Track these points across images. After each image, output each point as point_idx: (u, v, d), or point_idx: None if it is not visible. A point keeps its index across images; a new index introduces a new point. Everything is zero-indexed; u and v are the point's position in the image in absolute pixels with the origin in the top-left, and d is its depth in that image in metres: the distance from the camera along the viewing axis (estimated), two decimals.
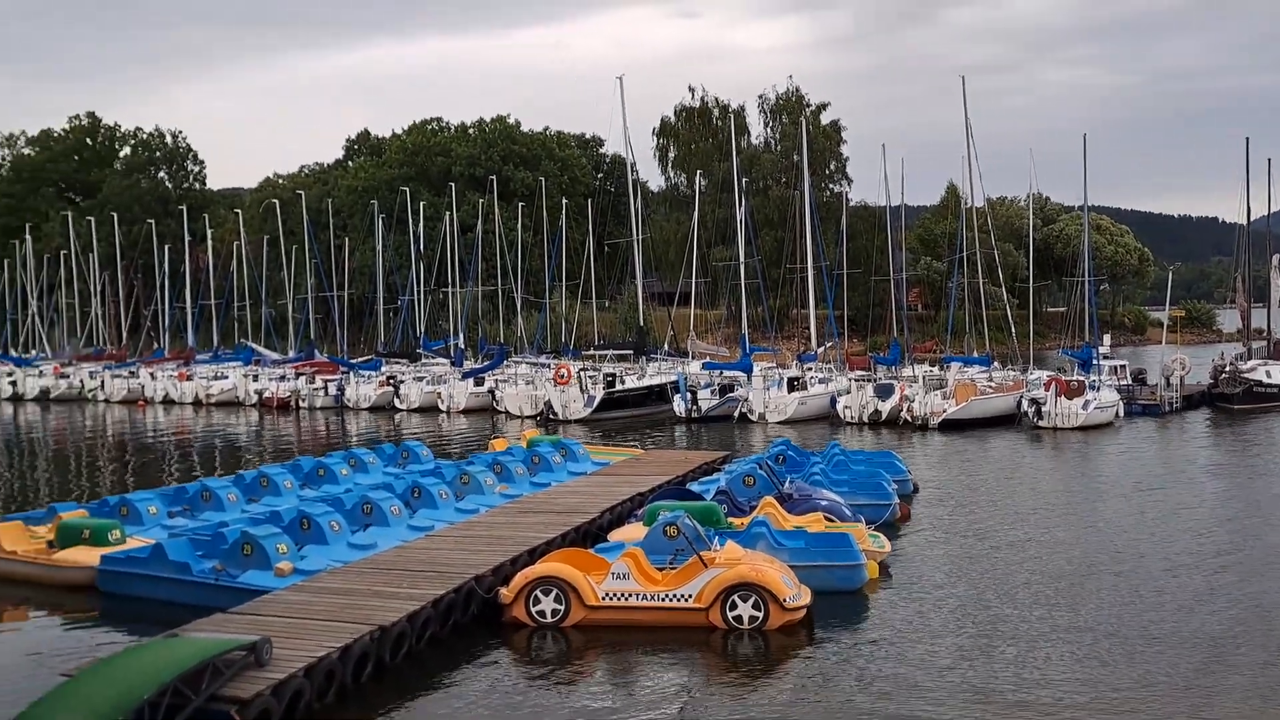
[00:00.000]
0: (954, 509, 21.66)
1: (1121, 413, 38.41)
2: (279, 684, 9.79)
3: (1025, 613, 13.71)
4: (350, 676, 10.90)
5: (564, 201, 67.45)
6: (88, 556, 15.77)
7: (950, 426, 36.70)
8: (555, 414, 43.27)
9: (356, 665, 11.02)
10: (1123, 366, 44.82)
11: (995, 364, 46.29)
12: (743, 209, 50.70)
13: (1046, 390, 37.55)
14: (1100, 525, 19.79)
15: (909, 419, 38.04)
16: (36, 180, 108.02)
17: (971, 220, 49.66)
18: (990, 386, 40.84)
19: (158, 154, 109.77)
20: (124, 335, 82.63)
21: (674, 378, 46.23)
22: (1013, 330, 50.02)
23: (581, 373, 46.21)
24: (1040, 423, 36.56)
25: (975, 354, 48.30)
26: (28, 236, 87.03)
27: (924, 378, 42.18)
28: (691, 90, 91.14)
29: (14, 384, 66.75)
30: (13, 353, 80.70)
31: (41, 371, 68.34)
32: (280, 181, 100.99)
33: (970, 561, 16.77)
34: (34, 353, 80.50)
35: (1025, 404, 38.37)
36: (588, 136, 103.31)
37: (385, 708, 10.69)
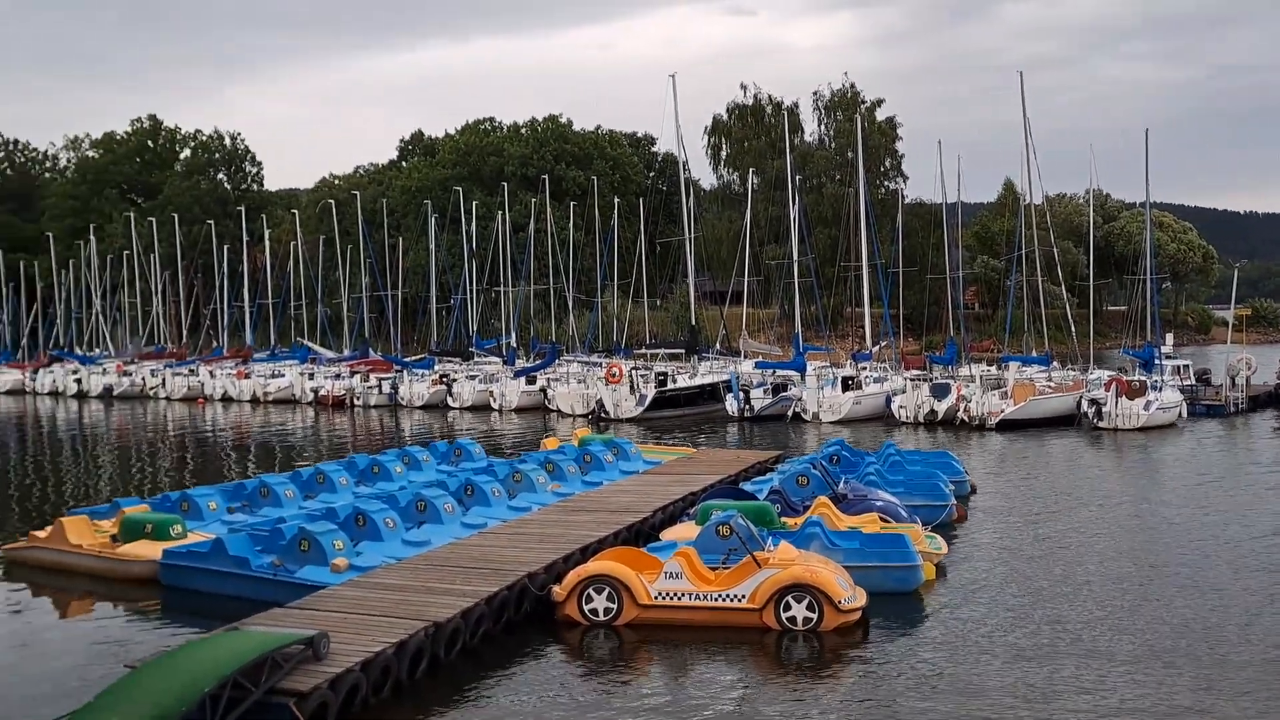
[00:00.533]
0: (1012, 510, 21.37)
1: (1184, 413, 37.72)
2: (336, 678, 9.88)
3: (1085, 615, 13.49)
4: (405, 672, 10.98)
5: (616, 200, 67.58)
6: (150, 551, 16.04)
7: (1008, 427, 36.26)
8: (607, 413, 43.35)
9: (412, 661, 11.11)
10: (1186, 366, 44.01)
11: (1054, 363, 45.70)
12: (796, 206, 50.42)
13: (1107, 390, 36.99)
14: (1162, 527, 19.42)
15: (966, 419, 37.64)
16: (100, 182, 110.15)
17: (1030, 217, 49.02)
18: (1049, 386, 40.32)
19: (217, 156, 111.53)
20: (184, 334, 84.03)
21: (726, 377, 46.10)
22: (1072, 329, 49.32)
23: (633, 372, 46.25)
24: (1100, 423, 35.99)
25: (1034, 353, 47.68)
26: (92, 237, 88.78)
27: (981, 377, 41.73)
28: (744, 88, 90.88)
29: (79, 381, 68.23)
30: (78, 351, 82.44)
31: (105, 369, 69.74)
32: (336, 182, 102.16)
33: (1028, 563, 16.52)
34: (98, 351, 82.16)
35: (1085, 404, 37.77)
36: (639, 135, 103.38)
37: (440, 703, 10.75)
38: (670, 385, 46.47)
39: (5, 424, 49.72)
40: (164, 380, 64.22)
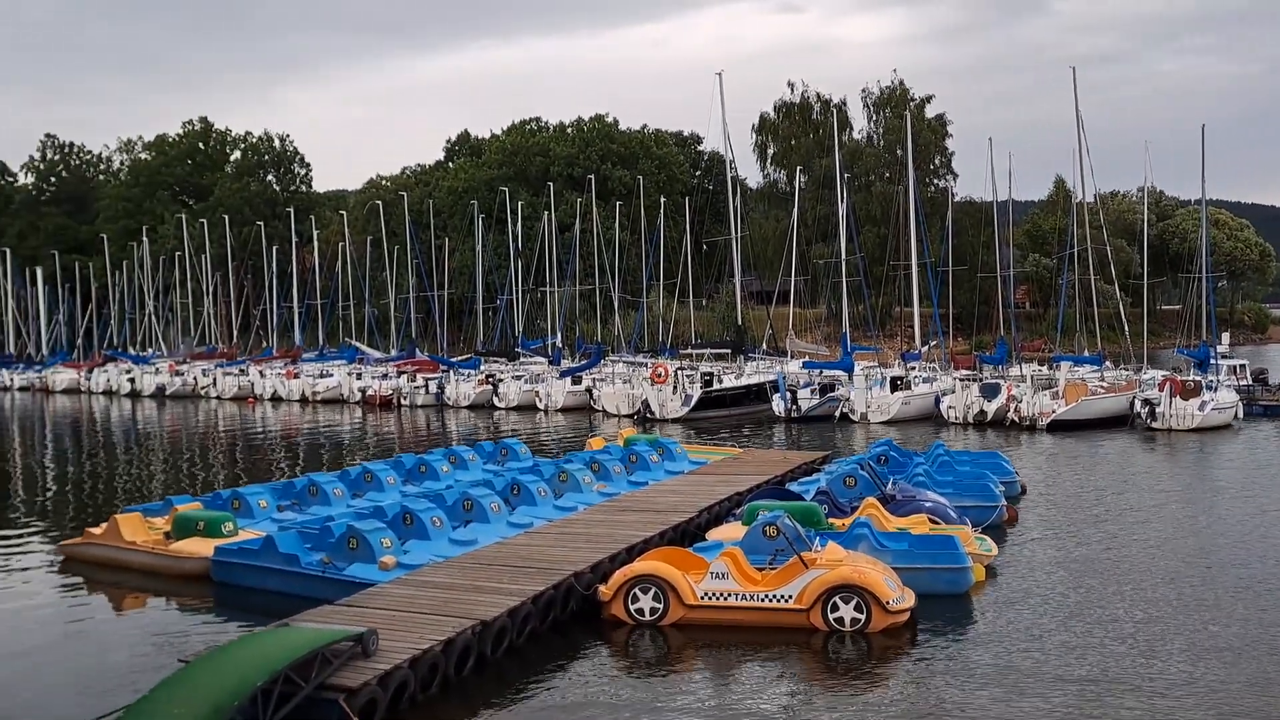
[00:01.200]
0: (1063, 512, 21.09)
1: (1241, 414, 37.04)
2: (385, 674, 9.95)
3: (1138, 619, 13.26)
4: (453, 669, 11.03)
5: (661, 200, 67.55)
6: (202, 548, 16.25)
7: (1059, 427, 35.81)
8: (652, 413, 43.33)
9: (459, 658, 11.15)
10: (1242, 366, 43.22)
11: (1107, 363, 45.09)
12: (844, 205, 50.12)
13: (1161, 390, 36.43)
14: (1217, 530, 19.07)
15: (1016, 419, 37.23)
16: (153, 184, 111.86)
17: (1082, 215, 48.38)
18: (1101, 386, 39.78)
19: (266, 158, 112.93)
20: (235, 334, 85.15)
21: (773, 377, 45.91)
22: (1125, 328, 48.61)
23: (679, 372, 46.19)
24: (1154, 424, 35.44)
25: (1086, 353, 47.06)
26: (145, 238, 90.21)
27: (1032, 377, 41.26)
28: (791, 85, 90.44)
29: (132, 381, 69.38)
30: (132, 351, 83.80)
31: (158, 369, 70.85)
32: (383, 183, 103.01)
33: (1080, 565, 16.28)
34: (151, 351, 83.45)
35: (1138, 405, 37.21)
36: (686, 134, 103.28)
37: (487, 701, 10.79)
38: (716, 385, 46.37)
39: (61, 422, 50.64)
40: (215, 380, 65.12)
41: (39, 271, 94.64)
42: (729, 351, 53.14)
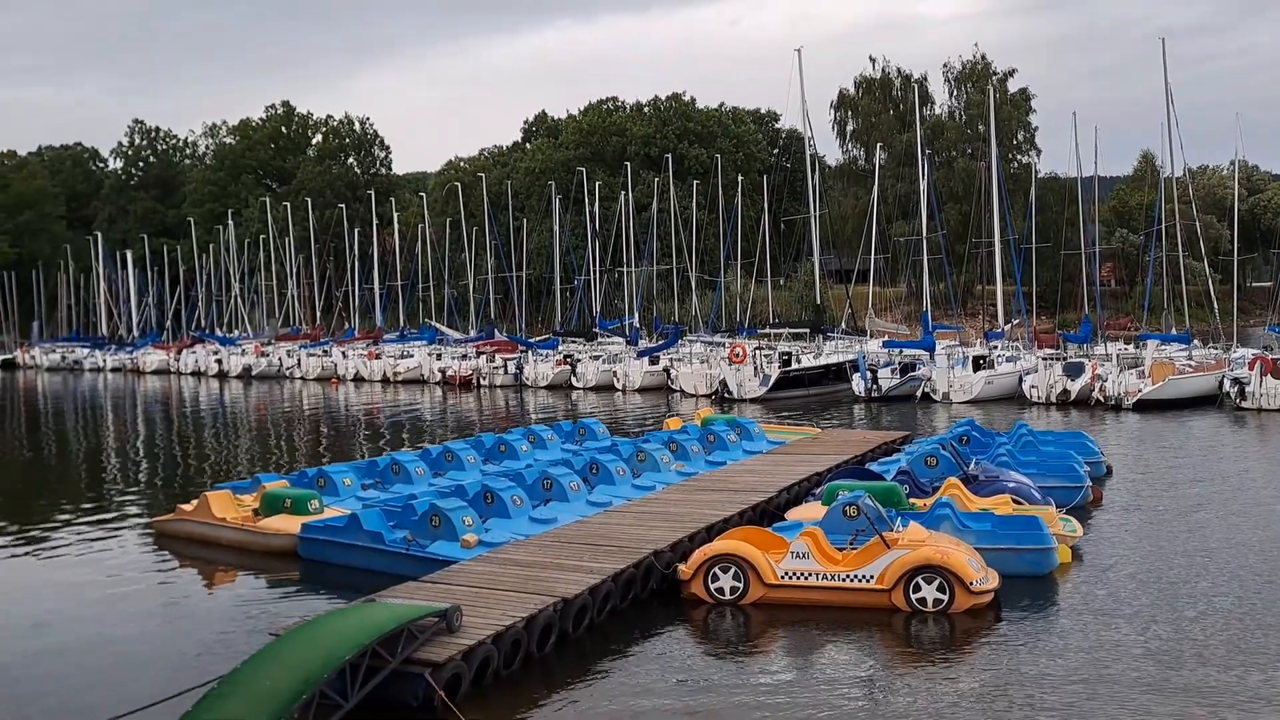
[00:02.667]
0: (1150, 493, 20.62)
1: None
2: (469, 650, 10.08)
3: (1230, 604, 12.90)
4: (535, 645, 11.14)
5: (739, 178, 67.18)
6: (289, 524, 16.60)
7: (1146, 407, 35.02)
8: (730, 393, 43.23)
9: (541, 635, 11.26)
10: None
11: (1195, 342, 43.94)
12: (926, 181, 49.38)
13: (1251, 369, 35.41)
14: None
15: (1101, 399, 36.49)
16: (237, 168, 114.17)
17: (1170, 191, 47.12)
18: (1189, 365, 38.83)
19: (347, 141, 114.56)
20: (318, 315, 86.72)
21: (852, 356, 45.50)
22: (1214, 306, 47.28)
23: (757, 351, 46.00)
24: (1244, 404, 34.48)
25: (1173, 331, 45.89)
26: (230, 222, 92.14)
27: (1118, 356, 40.37)
28: (872, 60, 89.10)
29: (219, 362, 71.12)
30: (218, 332, 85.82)
31: (244, 350, 72.50)
32: (461, 165, 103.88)
33: (1168, 547, 15.90)
34: (236, 332, 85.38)
35: (1227, 384, 36.20)
36: (763, 112, 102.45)
37: (568, 677, 10.88)
38: (795, 365, 46.10)
39: (152, 403, 52.11)
40: (299, 361, 66.42)
41: (129, 255, 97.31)
42: (807, 331, 52.76)
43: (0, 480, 27.88)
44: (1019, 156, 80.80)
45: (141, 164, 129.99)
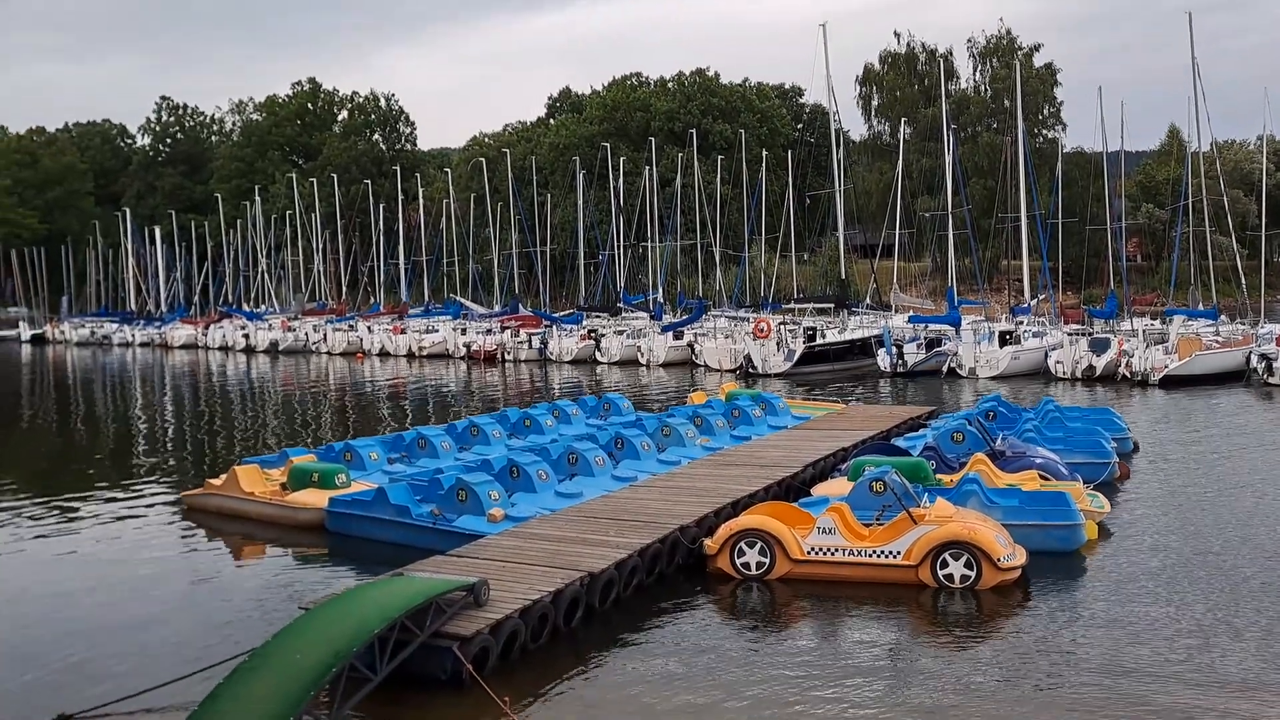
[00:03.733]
0: (1178, 468, 20.49)
1: None
2: (497, 624, 10.13)
3: (1261, 581, 12.81)
4: (562, 620, 11.19)
5: (763, 153, 66.91)
6: (317, 499, 16.72)
7: (1172, 383, 34.76)
8: (754, 368, 43.17)
9: (568, 609, 11.31)
10: None
11: (1222, 317, 43.54)
12: (951, 156, 48.98)
13: (1278, 345, 35.08)
14: None
15: (1127, 375, 36.26)
16: (264, 144, 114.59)
17: (1197, 165, 46.57)
18: (1216, 341, 38.52)
19: (372, 117, 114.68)
20: (343, 290, 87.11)
21: (876, 331, 45.32)
22: (1242, 281, 46.78)
23: (781, 326, 45.88)
24: (1271, 379, 34.21)
25: (1200, 307, 45.48)
26: (256, 197, 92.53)
27: (1144, 331, 40.06)
28: (897, 35, 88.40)
29: (247, 337, 71.61)
30: (245, 307, 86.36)
31: (271, 325, 72.94)
32: (486, 141, 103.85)
33: (1197, 523, 15.78)
34: (264, 307, 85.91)
35: (1255, 360, 35.94)
36: (787, 87, 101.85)
37: (595, 651, 10.93)
38: (819, 340, 45.97)
39: (181, 377, 52.52)
40: (325, 335, 66.78)
41: (157, 231, 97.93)
42: (832, 306, 52.58)
43: (31, 454, 28.20)
44: (1044, 131, 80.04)
45: (169, 140, 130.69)
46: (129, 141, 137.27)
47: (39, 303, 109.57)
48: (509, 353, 54.59)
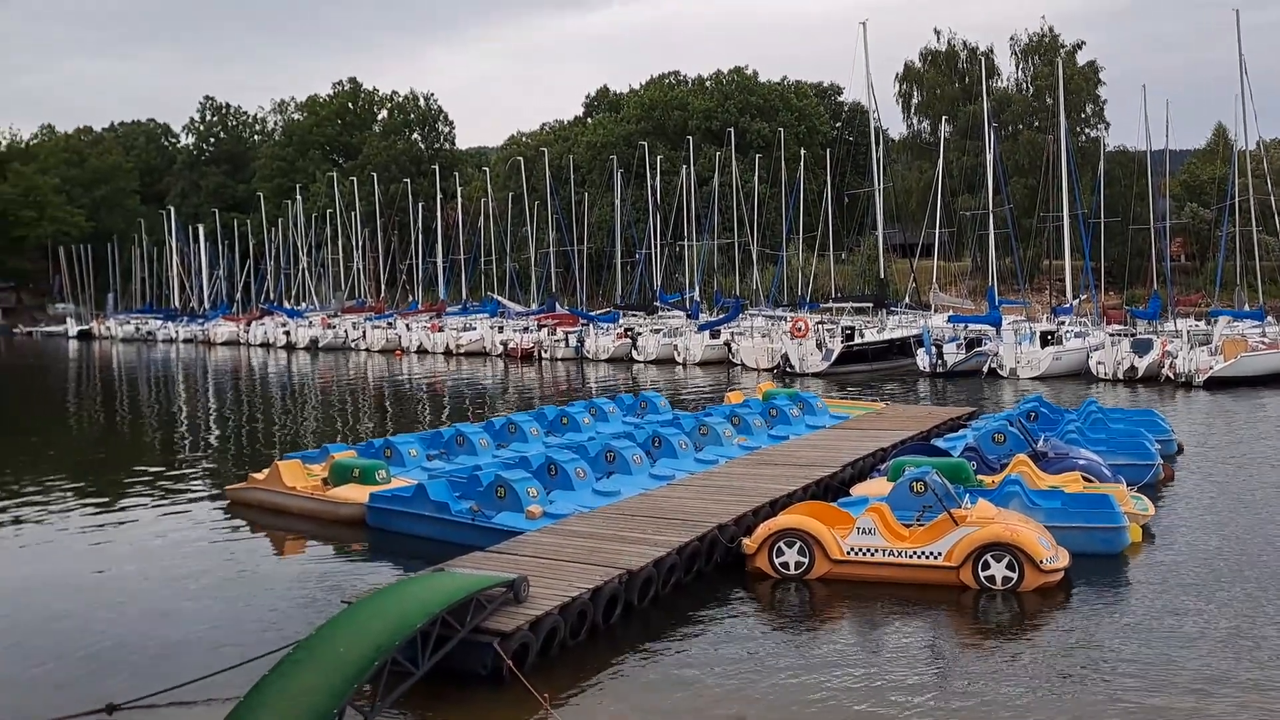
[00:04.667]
0: (1223, 471, 20.21)
1: None
2: (536, 620, 10.17)
3: None
4: (600, 617, 11.21)
5: (801, 152, 66.63)
6: (358, 494, 16.86)
7: (1217, 384, 34.29)
8: (792, 367, 43.04)
9: (606, 606, 11.33)
10: None
11: (1269, 318, 42.85)
12: (992, 154, 48.59)
13: None
14: None
15: (1171, 376, 35.80)
16: (305, 143, 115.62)
17: (1243, 164, 45.90)
18: (1263, 342, 37.92)
19: (411, 116, 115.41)
20: (382, 288, 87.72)
21: (915, 331, 45.05)
22: None
23: (819, 326, 45.71)
24: None
25: (1246, 307, 44.82)
26: (297, 196, 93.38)
27: (1188, 332, 39.54)
28: (937, 33, 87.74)
29: (288, 334, 72.27)
30: (286, 305, 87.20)
31: (311, 322, 73.60)
32: (523, 140, 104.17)
33: (1243, 526, 15.56)
34: (304, 305, 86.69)
35: None
36: (826, 85, 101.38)
37: (633, 649, 10.94)
38: (858, 340, 45.75)
39: (223, 373, 53.10)
40: (364, 333, 67.31)
41: (200, 229, 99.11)
42: (870, 305, 52.32)
43: (78, 448, 28.62)
44: (1087, 130, 79.18)
45: (212, 140, 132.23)
46: (173, 140, 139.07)
47: (86, 299, 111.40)
48: (545, 351, 54.75)
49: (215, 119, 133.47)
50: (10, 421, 35.01)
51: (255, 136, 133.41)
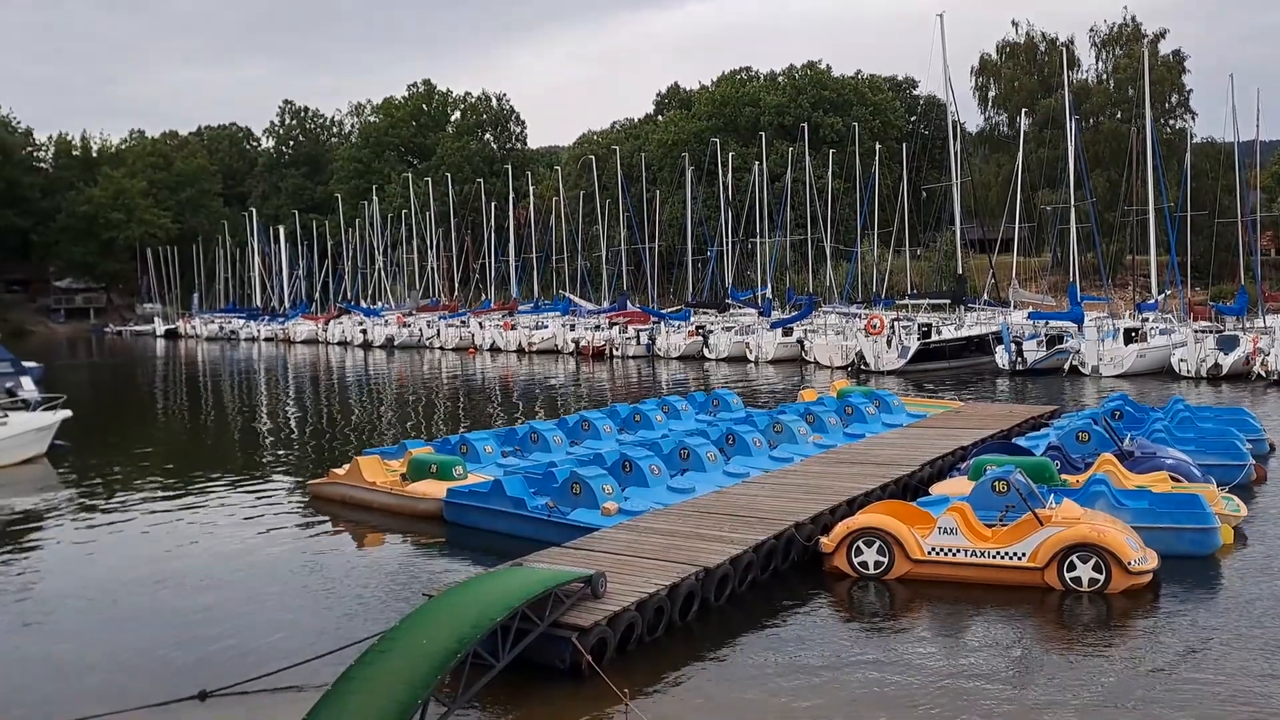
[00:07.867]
0: None
1: None
2: (614, 616, 10.17)
3: None
4: (677, 614, 11.18)
5: (876, 146, 65.91)
6: (435, 489, 17.03)
7: None
8: (867, 365, 42.61)
9: (683, 603, 11.29)
10: None
11: None
12: (1073, 147, 47.60)
13: None
14: None
15: (1262, 373, 34.82)
16: (381, 145, 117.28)
17: None
18: None
19: (484, 117, 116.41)
20: (456, 287, 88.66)
21: (995, 328, 44.32)
22: None
23: (895, 323, 45.18)
24: None
25: None
26: (374, 197, 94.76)
27: (1279, 329, 38.39)
28: (1015, 24, 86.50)
29: (364, 333, 73.39)
30: (363, 304, 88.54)
31: (387, 321, 74.64)
32: (595, 138, 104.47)
33: None
34: (380, 304, 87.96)
35: None
36: (900, 79, 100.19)
37: (710, 646, 10.89)
38: (935, 337, 45.14)
39: (303, 371, 54.06)
40: (438, 331, 68.09)
41: (280, 230, 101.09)
42: (948, 302, 51.58)
43: (164, 445, 29.30)
44: (1171, 121, 77.26)
45: (291, 143, 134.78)
46: (254, 144, 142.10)
47: (172, 299, 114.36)
48: (617, 349, 54.86)
49: (294, 122, 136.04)
50: (106, 420, 35.91)
51: (333, 139, 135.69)
